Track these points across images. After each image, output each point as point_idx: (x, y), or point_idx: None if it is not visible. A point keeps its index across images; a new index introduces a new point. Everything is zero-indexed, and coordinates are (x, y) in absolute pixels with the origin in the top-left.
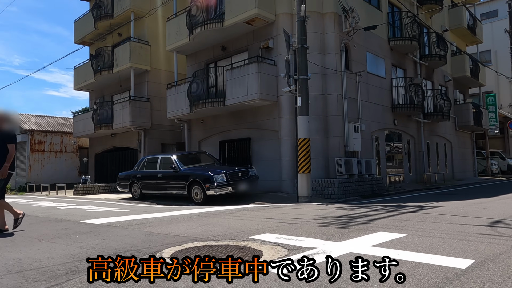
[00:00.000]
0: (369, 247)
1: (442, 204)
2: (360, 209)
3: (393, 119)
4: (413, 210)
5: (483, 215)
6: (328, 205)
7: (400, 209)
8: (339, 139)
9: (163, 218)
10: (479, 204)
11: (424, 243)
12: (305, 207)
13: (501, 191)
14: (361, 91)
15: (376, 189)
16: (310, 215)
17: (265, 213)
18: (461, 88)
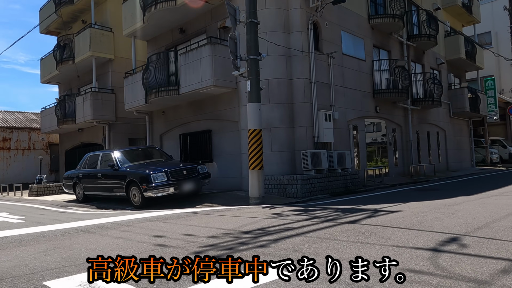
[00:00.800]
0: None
1: (404, 207)
2: (296, 217)
3: (375, 106)
4: (360, 217)
5: (441, 227)
6: (273, 209)
7: (346, 215)
8: (306, 129)
9: (20, 238)
10: (450, 206)
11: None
12: (243, 212)
13: (489, 186)
14: (335, 75)
15: (351, 184)
16: (218, 228)
17: (172, 226)
18: (456, 72)
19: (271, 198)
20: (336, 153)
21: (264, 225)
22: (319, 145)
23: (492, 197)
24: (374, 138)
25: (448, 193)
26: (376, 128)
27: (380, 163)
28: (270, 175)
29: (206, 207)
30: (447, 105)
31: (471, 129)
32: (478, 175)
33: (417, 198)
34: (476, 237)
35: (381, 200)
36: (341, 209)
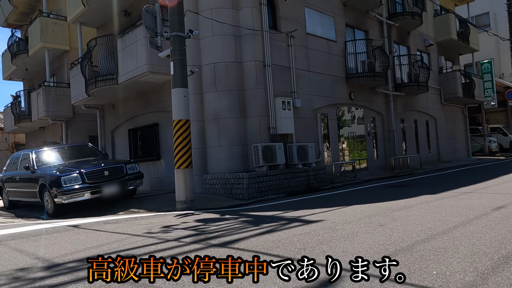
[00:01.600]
0: None
1: (336, 213)
2: (184, 232)
3: (349, 92)
4: (257, 231)
5: (340, 251)
6: (185, 217)
7: (246, 229)
8: (260, 119)
9: None
10: (394, 211)
11: None
12: (141, 223)
13: (471, 179)
14: (297, 58)
15: (315, 181)
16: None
17: (8, 251)
18: (448, 54)
19: (212, 200)
20: (296, 146)
21: (107, 250)
22: (276, 137)
23: (460, 196)
24: (350, 128)
25: (415, 190)
26: (352, 117)
27: (357, 156)
28: (218, 173)
29: (129, 213)
30: (437, 91)
31: (466, 116)
32: (470, 166)
33: (371, 198)
34: (372, 275)
35: (328, 202)
36: (257, 218)
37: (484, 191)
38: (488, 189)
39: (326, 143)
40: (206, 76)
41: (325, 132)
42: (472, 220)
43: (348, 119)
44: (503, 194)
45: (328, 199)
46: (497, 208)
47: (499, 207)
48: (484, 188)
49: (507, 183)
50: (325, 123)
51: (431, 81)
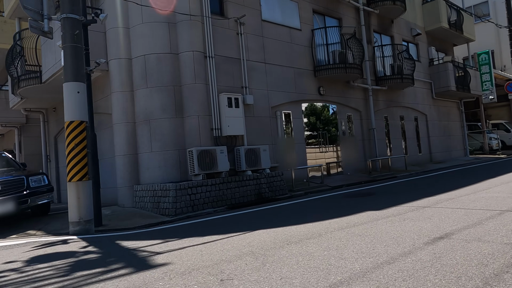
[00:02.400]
0: None
1: (194, 252)
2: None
3: (318, 87)
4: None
5: None
6: (41, 248)
7: (46, 281)
8: (199, 118)
9: None
10: (287, 245)
11: None
12: None
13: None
14: (250, 48)
15: (268, 190)
16: None
17: None
18: (440, 45)
19: (134, 217)
20: (244, 149)
21: None
22: (221, 139)
23: (407, 214)
24: (320, 128)
25: (370, 202)
26: (322, 114)
27: (328, 159)
28: (150, 183)
29: (22, 237)
30: (428, 84)
31: (462, 111)
32: (462, 167)
33: (304, 216)
34: None
35: (256, 220)
36: (108, 254)
37: (446, 205)
38: (453, 201)
39: (290, 145)
40: (136, 70)
41: (288, 132)
42: (381, 266)
43: (317, 118)
44: (466, 209)
45: (260, 216)
46: (436, 238)
47: (440, 237)
48: (450, 199)
49: (484, 192)
50: (288, 122)
51: (421, 74)
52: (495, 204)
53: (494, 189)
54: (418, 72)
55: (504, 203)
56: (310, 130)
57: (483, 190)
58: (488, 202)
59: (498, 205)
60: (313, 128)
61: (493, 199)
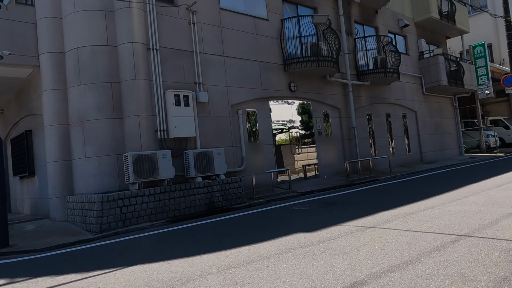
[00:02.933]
0: None
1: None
2: None
3: (288, 83)
4: None
5: None
6: None
7: None
8: (141, 119)
9: None
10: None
11: None
12: None
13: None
14: (204, 39)
15: (222, 199)
16: None
17: None
18: (432, 37)
19: (54, 235)
20: (193, 153)
21: None
22: (167, 142)
23: (329, 243)
24: (289, 127)
25: (315, 217)
26: (295, 112)
27: (301, 161)
28: (84, 194)
29: None
30: (417, 79)
31: (456, 108)
32: (453, 168)
33: (215, 240)
34: None
35: (144, 247)
36: None
37: (396, 224)
38: (409, 219)
39: (255, 147)
40: (69, 65)
41: (255, 132)
42: None
43: (288, 116)
44: (415, 233)
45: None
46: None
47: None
48: (409, 214)
49: (455, 203)
50: (254, 122)
51: (409, 68)
52: (456, 224)
53: (469, 199)
54: (407, 66)
55: (468, 222)
56: (304, 129)
57: (456, 200)
58: (450, 220)
59: (459, 226)
60: (307, 127)
61: (460, 214)
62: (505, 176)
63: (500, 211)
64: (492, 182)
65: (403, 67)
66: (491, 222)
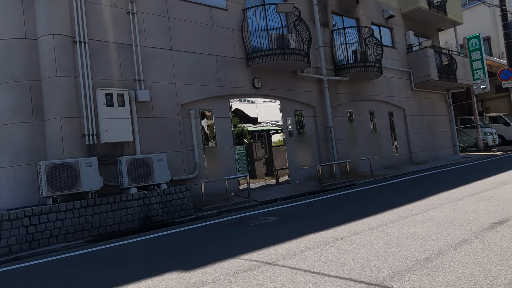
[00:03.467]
0: None
1: None
2: None
3: (252, 79)
4: None
5: None
6: None
7: None
8: (63, 122)
9: None
10: None
11: None
12: None
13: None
14: (148, 31)
15: (162, 212)
16: None
17: None
18: (422, 30)
19: None
20: (126, 160)
21: None
22: (98, 149)
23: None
24: (255, 129)
25: (224, 242)
26: (261, 112)
27: (278, 164)
28: None
29: None
30: (406, 74)
31: (450, 104)
32: (442, 169)
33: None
34: None
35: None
36: None
37: (300, 260)
38: (335, 245)
39: (211, 151)
40: None
41: (211, 135)
42: None
43: (251, 117)
44: (313, 275)
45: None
46: None
47: None
48: (337, 239)
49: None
50: (210, 123)
51: (396, 63)
52: (381, 260)
53: (428, 214)
54: (393, 60)
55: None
56: (243, 131)
57: (412, 215)
58: (380, 251)
59: (381, 264)
60: (247, 128)
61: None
62: (487, 180)
63: (452, 235)
64: (469, 188)
65: (389, 61)
66: (429, 257)
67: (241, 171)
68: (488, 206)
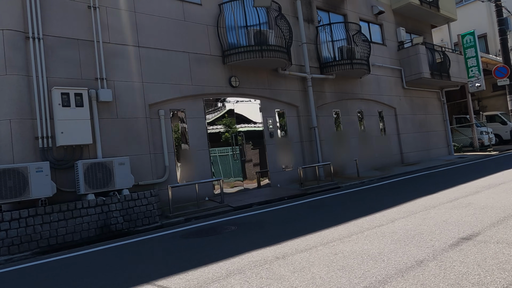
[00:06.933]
0: None
1: None
2: None
3: (229, 77)
4: None
5: None
6: None
7: None
8: (13, 124)
9: None
10: None
11: None
12: None
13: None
14: (112, 27)
15: (123, 220)
16: None
17: None
18: (414, 26)
19: None
20: (83, 164)
21: None
22: (54, 152)
23: None
24: (232, 130)
25: (165, 258)
26: (239, 112)
27: (258, 166)
28: None
29: None
30: (396, 72)
31: (444, 103)
32: (432, 170)
33: None
34: None
35: None
36: None
37: (259, 272)
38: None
39: (184, 154)
40: None
41: (184, 136)
42: None
43: (229, 118)
44: None
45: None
46: None
47: None
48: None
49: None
50: (183, 124)
51: (386, 60)
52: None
53: (394, 225)
54: (383, 57)
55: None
56: (218, 132)
57: (376, 227)
58: (315, 277)
59: None
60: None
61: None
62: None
63: (407, 255)
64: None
65: (379, 58)
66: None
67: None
68: (462, 215)
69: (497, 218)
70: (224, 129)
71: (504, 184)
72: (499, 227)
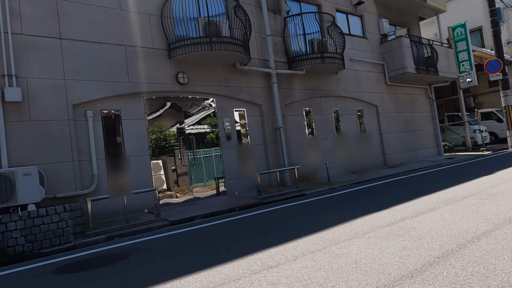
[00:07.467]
0: None
1: None
2: None
3: (175, 74)
4: None
5: None
6: None
7: None
8: None
9: None
10: None
11: None
12: None
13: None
14: (26, 15)
15: (25, 241)
16: None
17: None
18: (399, 18)
19: None
20: None
21: None
22: None
23: None
24: (185, 133)
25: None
26: (190, 113)
27: (210, 172)
28: None
29: None
30: (379, 67)
31: (432, 100)
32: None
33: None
34: None
35: None
36: None
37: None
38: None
39: (116, 161)
40: None
41: (119, 140)
42: None
43: (179, 119)
44: None
45: None
46: None
47: None
48: None
49: (283, 267)
50: (118, 127)
51: (367, 54)
52: None
53: (291, 266)
54: (363, 51)
55: None
56: (162, 135)
57: (301, 255)
58: None
59: None
60: (168, 132)
61: None
62: (436, 196)
63: None
64: (402, 210)
65: (358, 52)
66: None
67: (183, 182)
68: (388, 251)
69: (428, 258)
70: (172, 131)
71: (469, 198)
72: (419, 278)
